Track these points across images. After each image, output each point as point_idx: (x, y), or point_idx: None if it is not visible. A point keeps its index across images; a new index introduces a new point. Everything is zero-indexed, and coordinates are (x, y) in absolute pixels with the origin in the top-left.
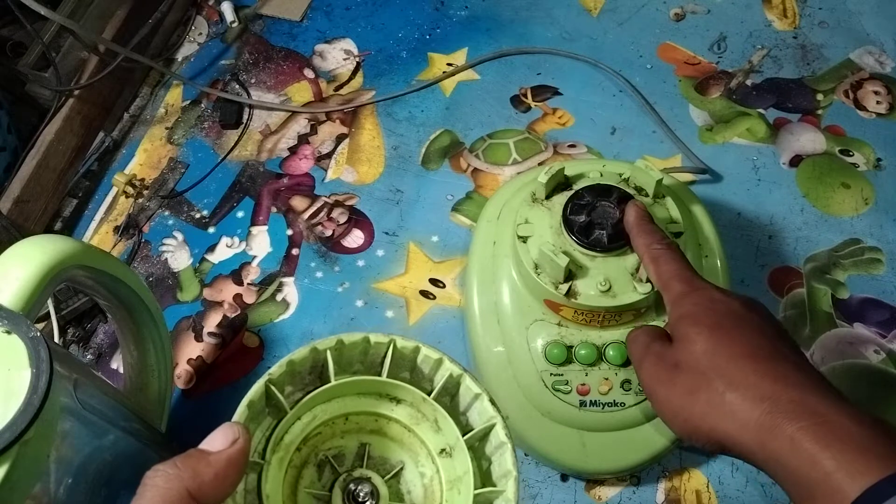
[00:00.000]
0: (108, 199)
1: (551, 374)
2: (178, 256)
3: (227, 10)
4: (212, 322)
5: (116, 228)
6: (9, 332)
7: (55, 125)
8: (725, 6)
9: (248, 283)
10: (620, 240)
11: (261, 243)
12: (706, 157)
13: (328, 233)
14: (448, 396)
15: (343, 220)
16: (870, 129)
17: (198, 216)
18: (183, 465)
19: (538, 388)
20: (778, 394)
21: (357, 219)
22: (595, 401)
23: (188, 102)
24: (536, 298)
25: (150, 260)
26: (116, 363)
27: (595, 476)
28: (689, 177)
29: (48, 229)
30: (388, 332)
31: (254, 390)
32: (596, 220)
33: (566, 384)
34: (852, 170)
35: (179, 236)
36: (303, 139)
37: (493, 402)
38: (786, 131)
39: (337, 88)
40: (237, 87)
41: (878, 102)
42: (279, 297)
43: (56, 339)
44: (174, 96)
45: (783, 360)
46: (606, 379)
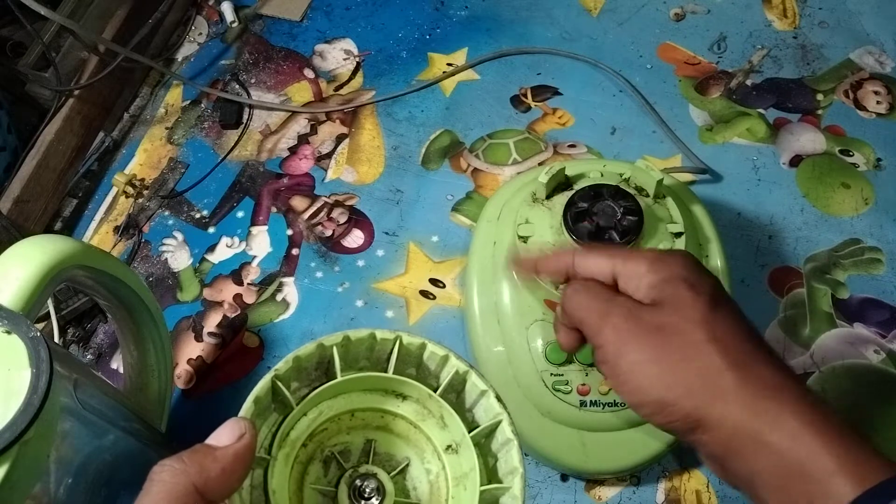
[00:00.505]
0: (108, 199)
1: (551, 374)
2: (178, 256)
3: (227, 10)
4: (212, 322)
5: (116, 228)
6: (9, 332)
7: (55, 125)
8: (725, 6)
9: (248, 283)
10: (621, 240)
11: (261, 243)
12: (706, 157)
13: (328, 233)
14: (454, 393)
15: (343, 220)
16: (870, 129)
17: (198, 216)
18: (190, 460)
19: (538, 388)
20: (781, 383)
21: (357, 219)
22: (595, 401)
23: (188, 102)
24: (536, 298)
25: (150, 260)
26: (116, 363)
27: (595, 476)
28: (689, 177)
29: (48, 229)
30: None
31: (260, 386)
32: (596, 220)
33: (566, 384)
34: (852, 170)
35: (179, 236)
36: (303, 139)
37: (499, 398)
38: (786, 131)
39: (337, 88)
40: (237, 87)
41: (878, 102)
42: (279, 297)
43: (56, 339)
44: (174, 96)
45: (773, 349)
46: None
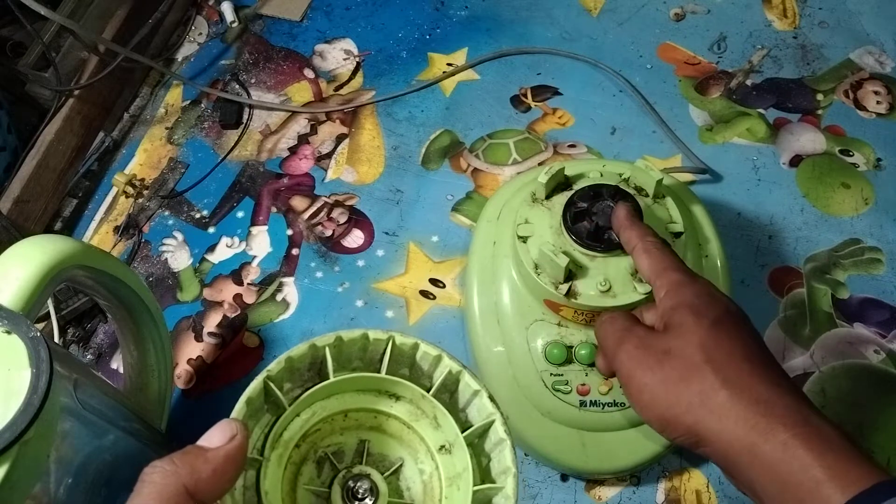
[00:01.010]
0: (108, 199)
1: (551, 374)
2: (178, 256)
3: (227, 10)
4: (212, 322)
5: (116, 228)
6: (9, 332)
7: (55, 125)
8: (725, 6)
9: (248, 283)
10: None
11: (261, 243)
12: (706, 157)
13: (328, 233)
14: (447, 393)
15: (343, 220)
16: (870, 129)
17: (198, 216)
18: (180, 461)
19: (538, 388)
20: (774, 399)
21: (357, 219)
22: (595, 401)
23: (188, 102)
24: (536, 298)
25: (150, 260)
26: (116, 363)
27: (595, 476)
28: (689, 177)
29: (48, 229)
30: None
31: (252, 387)
32: (596, 220)
33: (566, 384)
34: (852, 170)
35: (179, 236)
36: (303, 139)
37: (492, 398)
38: (786, 131)
39: (337, 88)
40: (237, 87)
41: (878, 102)
42: (279, 297)
43: (56, 339)
44: (174, 96)
45: (776, 367)
46: (607, 379)
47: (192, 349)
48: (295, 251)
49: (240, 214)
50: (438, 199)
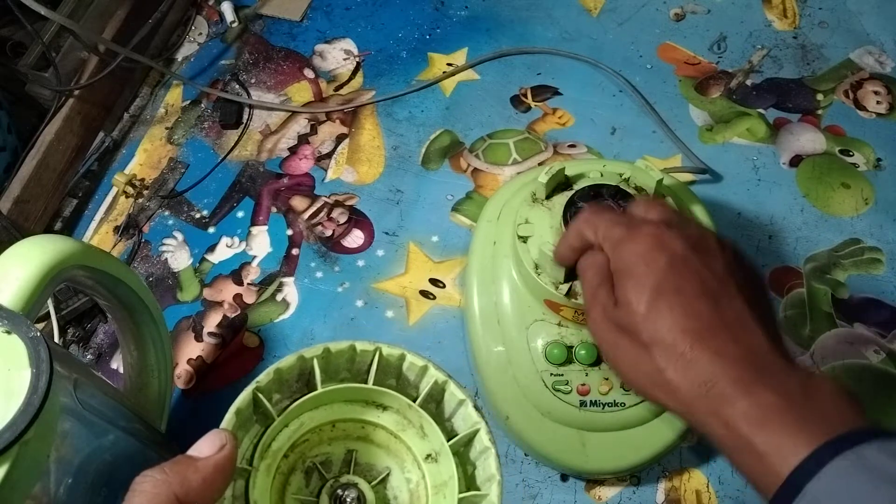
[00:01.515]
0: (108, 199)
1: (551, 374)
2: (178, 256)
3: (227, 10)
4: (212, 322)
5: (116, 228)
6: (9, 332)
7: (55, 125)
8: (725, 6)
9: (248, 283)
10: None
11: (261, 243)
12: (706, 157)
13: (328, 233)
14: (433, 403)
15: (343, 220)
16: (870, 129)
17: (198, 216)
18: (171, 470)
19: (538, 388)
20: (716, 374)
21: (357, 219)
22: (595, 401)
23: (188, 102)
24: (536, 298)
25: (150, 260)
26: (116, 363)
27: (595, 476)
28: (689, 177)
29: (48, 229)
30: (388, 333)
31: (241, 398)
32: None
33: (566, 384)
34: (852, 170)
35: (179, 236)
36: (303, 139)
37: (476, 407)
38: (786, 131)
39: (337, 88)
40: (237, 87)
41: (878, 102)
42: (279, 297)
43: (56, 339)
44: (174, 96)
45: (724, 327)
46: (606, 379)
47: (192, 349)
48: (295, 251)
49: (240, 214)
50: (438, 199)
